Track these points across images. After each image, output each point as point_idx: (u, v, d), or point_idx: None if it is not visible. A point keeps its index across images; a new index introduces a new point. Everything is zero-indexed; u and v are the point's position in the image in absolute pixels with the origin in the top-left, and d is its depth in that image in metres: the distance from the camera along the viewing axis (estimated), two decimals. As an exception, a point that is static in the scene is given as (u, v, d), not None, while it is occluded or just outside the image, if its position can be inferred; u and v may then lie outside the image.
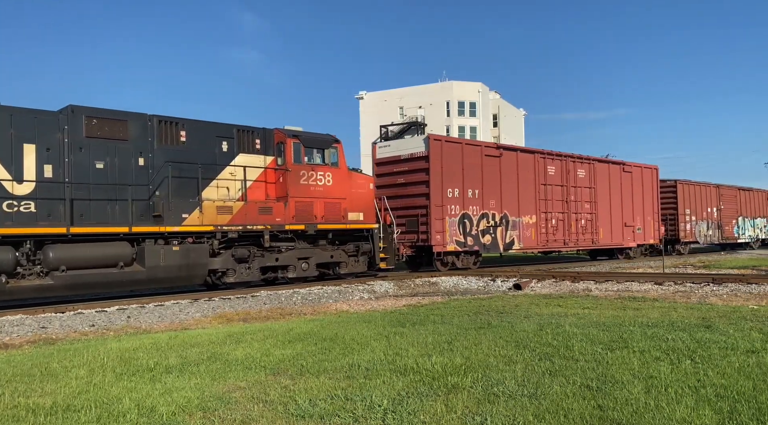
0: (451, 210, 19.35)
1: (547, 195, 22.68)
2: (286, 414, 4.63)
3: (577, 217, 23.79)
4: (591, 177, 24.75)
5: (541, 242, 22.38)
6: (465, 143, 20.51)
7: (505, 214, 21.08)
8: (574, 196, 23.76)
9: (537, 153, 22.76)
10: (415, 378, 5.54)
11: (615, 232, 25.68)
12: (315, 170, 15.93)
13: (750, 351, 6.41)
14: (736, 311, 9.69)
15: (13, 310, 11.58)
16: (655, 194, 28.44)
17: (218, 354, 6.95)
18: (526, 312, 10.09)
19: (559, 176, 23.26)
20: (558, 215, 23.00)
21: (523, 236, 21.63)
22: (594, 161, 25.14)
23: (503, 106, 72.72)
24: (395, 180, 20.00)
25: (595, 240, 24.73)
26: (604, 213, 25.16)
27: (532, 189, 22.15)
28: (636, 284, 14.98)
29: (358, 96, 70.42)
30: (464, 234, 19.69)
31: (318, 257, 16.27)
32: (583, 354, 6.45)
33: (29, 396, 5.29)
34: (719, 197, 35.11)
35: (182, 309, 12.02)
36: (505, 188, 21.18)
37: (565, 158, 23.75)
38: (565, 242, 23.34)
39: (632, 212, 26.71)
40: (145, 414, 4.65)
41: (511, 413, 4.45)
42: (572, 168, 23.88)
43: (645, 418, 4.27)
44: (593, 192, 24.71)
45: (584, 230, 24.11)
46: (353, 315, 10.71)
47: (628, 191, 26.61)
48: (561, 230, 23.11)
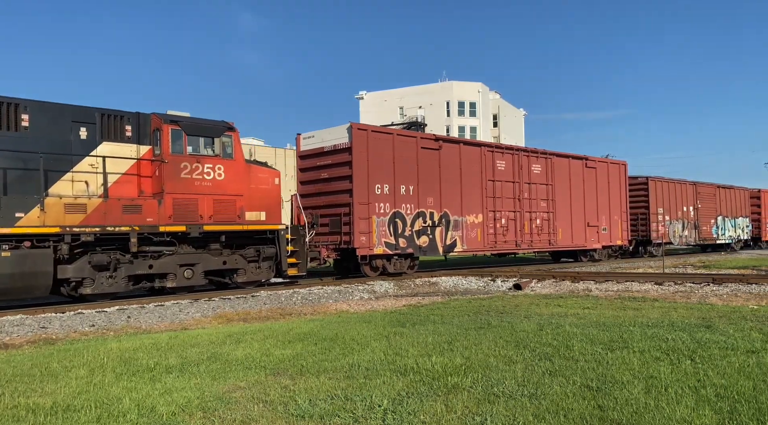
0: (380, 208, 17.24)
1: (496, 192, 20.64)
2: (286, 414, 4.63)
3: (531, 216, 21.79)
4: (548, 173, 22.56)
5: (489, 244, 20.33)
6: (396, 133, 18.19)
7: (445, 213, 18.95)
8: (528, 193, 21.72)
9: (484, 146, 20.80)
10: (415, 378, 5.54)
11: (576, 232, 23.64)
12: (201, 162, 13.57)
13: (750, 351, 6.42)
14: (736, 312, 9.69)
15: (13, 310, 11.58)
16: (623, 192, 26.35)
17: (218, 354, 6.95)
18: (526, 312, 10.09)
19: (511, 171, 21.21)
20: (509, 214, 20.99)
21: (467, 237, 19.53)
22: (551, 156, 23.03)
23: (503, 106, 72.74)
24: (319, 175, 17.90)
25: (553, 241, 22.68)
26: (564, 212, 23.11)
27: (477, 186, 20.09)
28: (636, 284, 14.99)
29: (358, 96, 70.45)
30: (396, 235, 17.58)
31: (206, 263, 14.01)
32: (583, 354, 6.45)
33: (29, 396, 5.29)
34: (696, 195, 32.92)
35: (182, 309, 12.01)
36: (445, 184, 19.06)
37: (517, 152, 21.82)
38: (517, 243, 21.27)
39: (596, 211, 24.66)
40: (145, 414, 4.65)
41: (511, 413, 4.45)
42: (526, 163, 21.78)
43: (645, 418, 4.27)
44: (551, 189, 22.62)
45: (540, 231, 22.06)
46: (353, 315, 10.71)
47: (592, 189, 24.59)
48: (512, 231, 21.09)
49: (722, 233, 35.28)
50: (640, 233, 28.90)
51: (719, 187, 35.36)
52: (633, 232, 28.19)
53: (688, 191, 32.41)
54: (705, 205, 33.59)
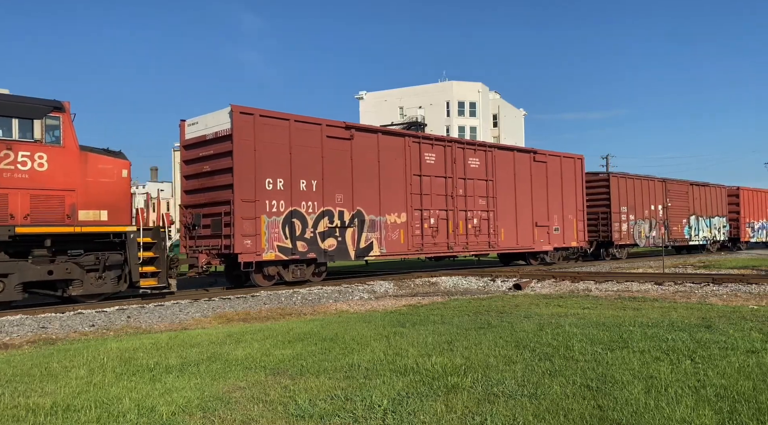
0: (272, 207, 14.90)
1: (424, 189, 18.32)
2: (286, 414, 4.63)
3: (467, 215, 19.58)
4: (488, 167, 20.46)
5: (414, 246, 17.95)
6: (294, 119, 15.49)
7: (358, 211, 16.66)
8: (463, 190, 19.51)
9: (408, 137, 18.45)
10: (415, 378, 5.54)
11: (522, 233, 21.57)
12: (13, 148, 11.16)
13: (750, 351, 6.42)
14: (736, 312, 9.69)
15: (13, 310, 11.57)
16: (579, 189, 24.10)
17: (218, 354, 6.95)
18: (526, 312, 10.09)
19: (442, 165, 18.97)
20: (439, 213, 18.73)
21: (387, 238, 17.23)
22: (492, 148, 20.97)
23: (503, 106, 72.74)
24: (201, 168, 15.49)
25: (494, 243, 20.47)
26: (507, 211, 21.04)
27: (401, 181, 17.75)
28: (636, 284, 14.99)
29: (358, 96, 70.46)
30: (293, 238, 15.22)
31: (24, 273, 11.47)
32: (583, 354, 6.45)
33: (29, 396, 5.28)
34: (666, 192, 30.41)
35: (182, 309, 12.01)
36: (359, 179, 16.73)
37: (450, 144, 19.56)
38: (449, 245, 19.01)
39: (547, 210, 22.56)
40: (145, 414, 4.65)
41: (511, 413, 4.45)
42: (461, 156, 19.58)
43: (645, 418, 4.27)
44: (491, 186, 20.50)
45: (478, 231, 19.86)
46: (353, 315, 10.71)
47: (542, 185, 22.45)
48: (443, 232, 18.84)
49: (695, 233, 32.78)
50: (601, 234, 26.81)
51: (692, 184, 33.03)
52: (593, 233, 26.52)
53: (656, 189, 29.90)
54: (676, 203, 31.17)
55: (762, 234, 39.60)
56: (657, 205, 29.78)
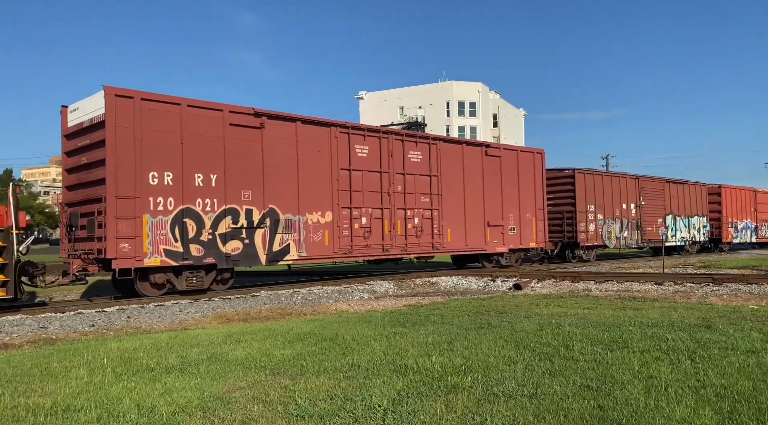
0: (158, 205, 12.83)
1: (355, 185, 16.44)
2: (286, 414, 4.64)
3: (407, 214, 17.63)
4: (432, 162, 18.52)
5: (342, 249, 16.05)
6: (188, 104, 13.46)
7: (271, 210, 14.68)
8: (402, 186, 17.55)
9: (335, 126, 16.26)
10: (415, 378, 5.54)
11: (473, 234, 19.60)
12: None
13: (750, 351, 6.42)
14: (736, 312, 9.70)
15: (13, 310, 11.58)
16: (538, 186, 22.20)
17: (218, 354, 6.95)
18: (526, 312, 10.09)
19: (377, 158, 17.05)
20: (373, 212, 16.83)
21: (308, 240, 15.31)
22: (437, 141, 18.96)
23: (503, 106, 72.82)
24: (80, 160, 13.53)
25: (439, 244, 18.50)
26: (455, 209, 19.11)
27: (325, 176, 15.86)
28: (636, 284, 15.00)
29: (358, 96, 70.54)
30: (185, 241, 13.15)
31: None
32: (583, 354, 6.45)
33: (29, 396, 5.29)
34: (639, 190, 28.40)
35: (182, 309, 12.02)
36: (273, 173, 14.76)
37: (386, 135, 17.46)
38: (385, 247, 16.96)
39: (501, 209, 20.64)
40: (145, 414, 4.65)
41: (511, 413, 4.46)
42: (399, 149, 17.65)
43: (645, 418, 4.27)
44: (436, 181, 18.53)
45: (420, 232, 17.94)
46: (353, 315, 10.72)
47: (495, 181, 20.54)
48: (378, 232, 16.90)
49: (672, 233, 30.73)
50: (566, 235, 25.05)
51: (669, 182, 31.00)
52: (557, 233, 24.97)
53: (628, 186, 27.91)
54: (651, 202, 29.12)
55: (746, 235, 37.16)
56: (629, 204, 27.85)
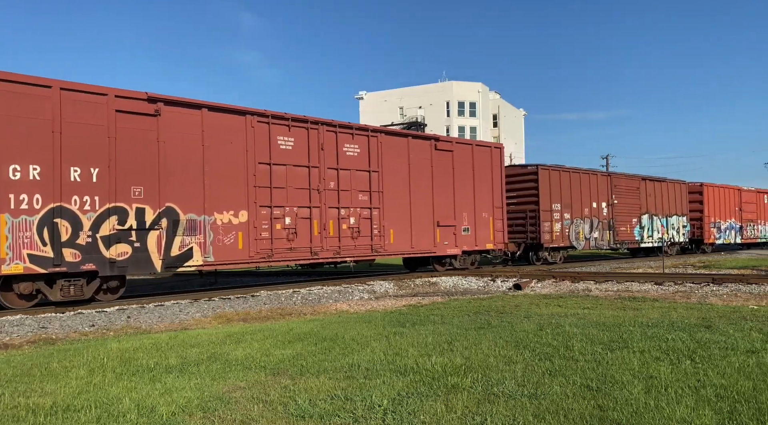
0: (20, 203, 11.31)
1: (276, 181, 14.79)
2: (286, 414, 4.63)
3: (340, 213, 16.05)
4: (372, 156, 16.91)
5: (260, 253, 14.40)
6: (61, 87, 11.75)
7: (169, 209, 12.98)
8: (335, 183, 15.98)
9: (252, 114, 14.50)
10: (415, 378, 5.54)
11: (420, 235, 18.03)
12: None
13: (750, 351, 6.42)
14: (736, 312, 9.70)
15: (13, 310, 11.57)
16: (497, 183, 20.54)
17: (218, 354, 6.95)
18: (526, 312, 10.09)
19: (305, 152, 15.41)
20: (299, 211, 15.20)
21: (216, 243, 13.67)
22: (377, 133, 17.28)
23: (503, 106, 72.83)
24: None
25: (380, 247, 16.90)
26: (399, 208, 17.49)
27: (240, 171, 14.21)
28: (636, 285, 15.01)
29: (358, 96, 70.55)
30: (56, 244, 11.56)
31: None
32: (583, 354, 6.45)
33: (29, 396, 5.29)
34: (611, 188, 26.73)
35: (182, 309, 12.02)
36: (172, 167, 13.09)
37: (317, 126, 15.71)
38: (313, 251, 15.37)
39: (453, 208, 19.04)
40: (145, 415, 4.65)
41: (511, 413, 4.46)
42: (332, 141, 16.04)
43: (645, 418, 4.27)
44: (376, 178, 16.96)
45: (356, 233, 16.36)
46: (353, 315, 10.72)
47: (447, 178, 18.97)
48: (306, 234, 15.28)
49: (648, 234, 28.95)
50: (529, 236, 23.56)
51: (645, 179, 29.31)
52: (521, 234, 23.59)
53: (599, 184, 26.25)
54: (624, 200, 27.50)
55: (729, 235, 35.24)
56: (600, 202, 26.22)
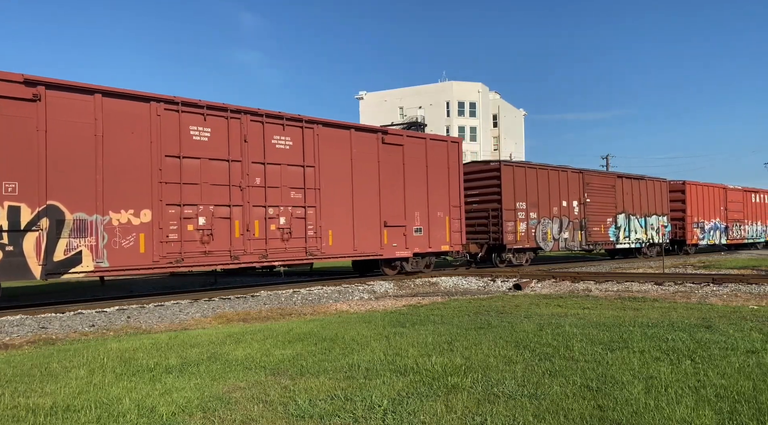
0: None
1: (188, 176, 13.30)
2: (286, 414, 4.63)
3: (268, 212, 14.57)
4: (307, 149, 15.41)
5: (167, 257, 12.88)
6: None
7: (52, 208, 11.57)
8: (262, 179, 14.53)
9: (158, 101, 13.02)
10: (415, 379, 5.54)
11: (364, 236, 16.57)
12: None
13: (750, 352, 6.42)
14: (736, 312, 9.70)
15: (13, 310, 11.58)
16: (454, 180, 19.10)
17: (218, 355, 6.94)
18: (526, 312, 10.09)
19: (224, 144, 13.93)
20: (216, 210, 13.65)
21: (112, 246, 12.13)
22: (313, 124, 15.64)
23: (503, 106, 72.83)
24: None
25: (316, 249, 15.44)
26: (339, 207, 16.08)
27: (142, 165, 12.69)
28: (636, 285, 15.01)
29: (358, 96, 70.56)
30: None
31: None
32: (583, 354, 6.45)
33: (29, 397, 5.28)
34: (583, 186, 25.14)
35: (182, 309, 12.02)
36: (57, 160, 11.69)
37: (238, 115, 14.20)
38: (233, 254, 13.85)
39: (403, 206, 17.60)
40: (145, 415, 4.64)
41: (511, 413, 4.45)
42: (258, 133, 14.49)
43: (645, 418, 4.27)
44: (312, 174, 15.51)
45: (287, 234, 14.86)
46: (353, 315, 10.71)
47: (396, 174, 17.51)
48: (225, 235, 13.78)
49: (625, 235, 27.41)
50: (491, 236, 22.00)
51: (621, 177, 27.83)
52: (483, 234, 22.09)
53: (570, 182, 24.60)
54: (598, 199, 25.91)
55: (714, 236, 33.51)
56: (571, 201, 24.63)
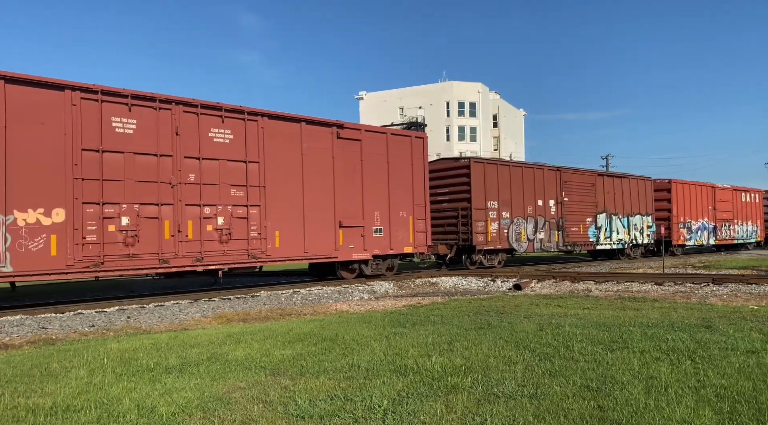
0: None
1: (109, 172, 12.25)
2: (285, 414, 4.63)
3: (203, 212, 13.45)
4: (250, 144, 14.34)
5: (84, 260, 11.85)
6: None
7: None
8: (197, 175, 13.44)
9: (74, 89, 11.95)
10: (415, 379, 5.54)
11: (316, 237, 15.48)
12: None
13: (750, 352, 6.42)
14: (736, 312, 9.70)
15: (13, 310, 11.58)
16: (418, 178, 18.05)
17: (218, 355, 6.94)
18: (526, 313, 10.09)
19: (152, 137, 12.80)
20: (144, 210, 12.60)
21: (17, 249, 11.16)
22: (256, 117, 14.51)
23: (503, 106, 72.83)
24: None
25: (260, 252, 14.35)
26: (288, 207, 14.96)
27: (55, 159, 11.70)
28: (636, 285, 15.00)
29: (358, 96, 70.56)
30: None
31: None
32: (583, 354, 6.45)
33: (29, 397, 5.28)
34: (561, 184, 24.00)
35: (182, 310, 12.01)
36: None
37: (169, 106, 13.11)
38: (162, 257, 12.81)
39: (361, 205, 16.54)
40: (145, 415, 4.64)
41: (511, 413, 4.45)
42: (192, 125, 13.39)
43: (645, 419, 4.27)
44: (257, 170, 14.44)
45: (227, 236, 13.75)
46: (353, 316, 10.71)
47: (352, 171, 16.37)
48: (153, 236, 12.68)
49: (606, 235, 26.24)
50: (461, 237, 20.81)
51: (602, 175, 26.74)
52: (453, 235, 20.98)
53: (546, 180, 23.44)
54: (577, 198, 24.72)
55: (702, 236, 32.15)
56: (548, 200, 23.50)
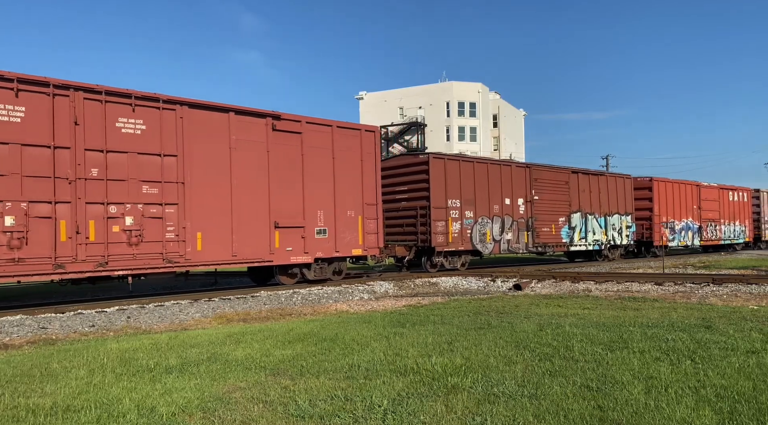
0: None
1: None
2: (285, 414, 4.63)
3: (109, 211, 12.14)
4: (166, 135, 13.01)
5: None
6: None
7: None
8: (102, 170, 12.10)
9: None
10: (415, 379, 5.54)
11: (247, 239, 14.20)
12: None
13: (750, 352, 6.42)
14: (736, 312, 9.70)
15: (13, 310, 11.57)
16: (369, 174, 16.85)
17: (218, 355, 6.94)
18: (526, 313, 10.09)
19: (46, 126, 11.49)
20: (34, 208, 11.27)
21: None
22: (175, 105, 13.23)
23: (503, 106, 72.81)
24: None
25: (178, 256, 13.02)
26: (213, 205, 13.67)
27: None
28: (636, 285, 14.99)
29: (358, 96, 70.51)
30: None
31: None
32: (583, 354, 6.45)
33: (29, 397, 5.28)
34: (530, 182, 22.54)
35: (182, 310, 12.01)
36: None
37: (67, 92, 11.78)
38: (59, 263, 11.49)
39: (302, 204, 15.32)
40: (145, 415, 4.64)
41: (511, 413, 4.45)
42: (97, 114, 12.12)
43: (645, 419, 4.27)
44: (174, 164, 13.11)
45: (138, 237, 12.43)
46: (353, 316, 10.71)
47: (291, 167, 15.14)
48: (46, 239, 11.35)
49: (581, 236, 24.79)
50: (419, 238, 19.45)
51: (576, 172, 24.86)
52: (411, 236, 19.70)
53: (514, 177, 21.98)
54: (548, 196, 23.32)
55: (686, 237, 30.80)
56: (516, 198, 22.11)
